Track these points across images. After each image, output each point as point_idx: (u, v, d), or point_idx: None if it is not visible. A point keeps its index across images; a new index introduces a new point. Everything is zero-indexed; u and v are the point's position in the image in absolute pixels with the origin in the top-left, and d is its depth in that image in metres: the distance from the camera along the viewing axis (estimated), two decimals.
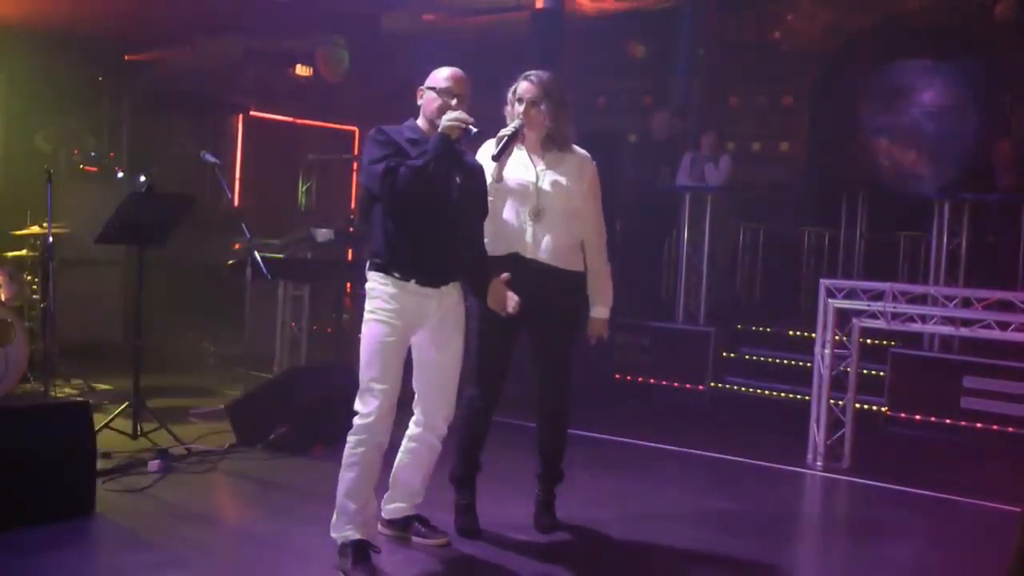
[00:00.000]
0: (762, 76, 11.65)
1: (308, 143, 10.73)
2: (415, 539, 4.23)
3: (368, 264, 3.98)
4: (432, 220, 3.90)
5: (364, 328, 3.94)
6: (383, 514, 4.26)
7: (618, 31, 11.53)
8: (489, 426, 4.44)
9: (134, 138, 9.64)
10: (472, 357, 4.33)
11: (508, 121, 4.31)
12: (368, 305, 3.95)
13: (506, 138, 4.14)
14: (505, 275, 4.07)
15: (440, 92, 3.95)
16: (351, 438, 3.89)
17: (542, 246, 4.28)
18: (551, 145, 4.34)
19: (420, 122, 4.04)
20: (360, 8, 10.82)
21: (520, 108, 4.27)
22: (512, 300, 4.02)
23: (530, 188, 4.28)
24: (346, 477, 3.89)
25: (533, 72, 4.34)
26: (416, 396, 4.14)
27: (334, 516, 3.91)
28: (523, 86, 4.30)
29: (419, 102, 4.04)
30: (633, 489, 5.55)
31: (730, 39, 11.47)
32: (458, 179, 3.97)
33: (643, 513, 5.06)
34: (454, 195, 3.95)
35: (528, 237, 4.27)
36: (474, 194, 4.10)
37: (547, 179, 4.30)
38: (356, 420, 3.88)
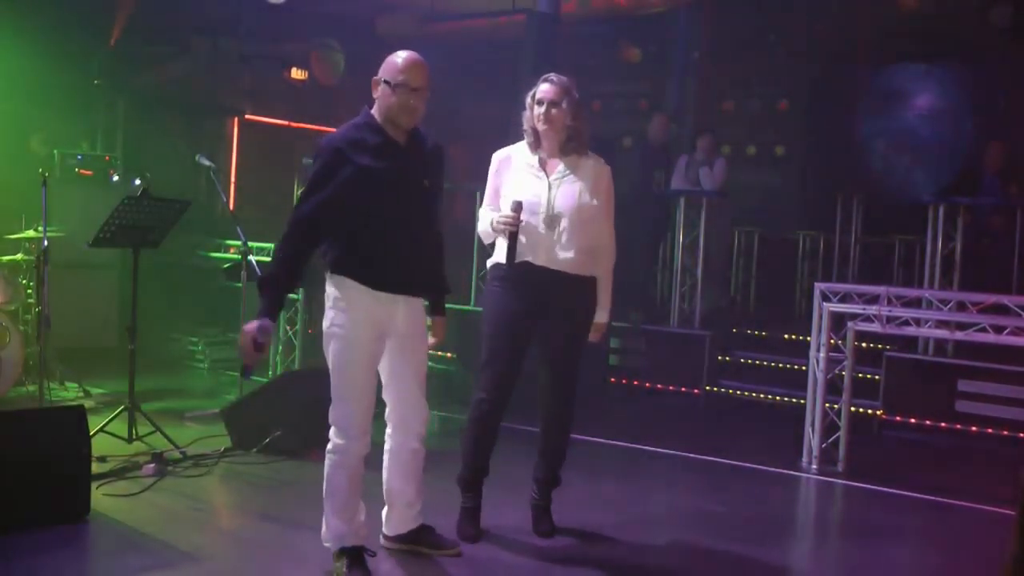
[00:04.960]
0: (757, 80, 11.69)
1: (304, 146, 10.72)
2: (426, 551, 4.11)
3: (330, 273, 3.80)
4: (399, 226, 3.76)
5: (331, 343, 3.76)
6: (388, 531, 4.15)
7: (614, 35, 11.55)
8: (498, 431, 4.39)
9: (129, 141, 9.62)
10: (483, 362, 4.30)
11: (525, 125, 4.32)
12: (336, 318, 3.75)
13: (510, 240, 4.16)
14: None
15: (396, 87, 3.70)
16: (330, 458, 3.77)
17: (556, 253, 4.23)
18: (569, 148, 4.31)
19: (376, 113, 3.80)
20: (355, 11, 10.85)
21: (541, 110, 4.26)
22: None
23: (542, 197, 4.25)
24: (329, 500, 3.79)
25: (552, 74, 4.36)
26: (389, 408, 4.00)
27: (323, 526, 3.86)
28: (543, 88, 4.30)
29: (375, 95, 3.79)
30: (629, 493, 5.56)
31: (725, 43, 11.50)
32: (426, 183, 3.85)
33: (639, 517, 5.06)
34: (422, 199, 3.84)
35: (541, 245, 4.24)
36: (438, 193, 3.98)
37: (561, 186, 4.27)
38: (334, 439, 3.76)
